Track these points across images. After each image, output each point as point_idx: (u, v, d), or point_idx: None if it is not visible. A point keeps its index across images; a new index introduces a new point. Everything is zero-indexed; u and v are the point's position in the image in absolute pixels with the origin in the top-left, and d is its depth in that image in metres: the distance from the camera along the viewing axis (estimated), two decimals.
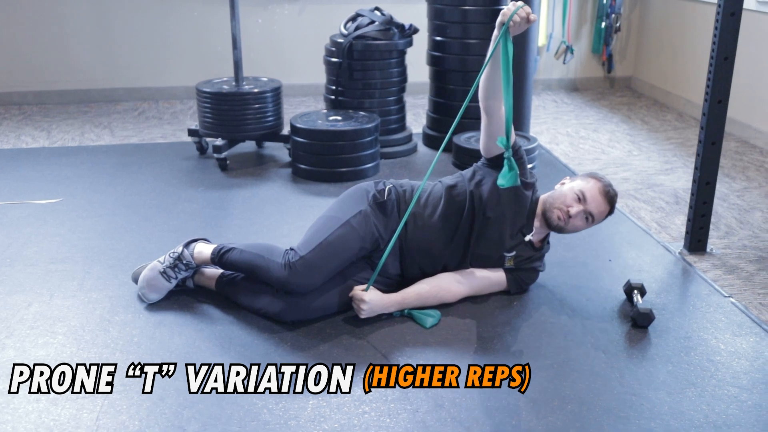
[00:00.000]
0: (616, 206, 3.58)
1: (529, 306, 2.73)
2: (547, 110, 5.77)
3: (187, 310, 2.69)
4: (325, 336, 2.51)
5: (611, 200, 2.70)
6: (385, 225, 2.68)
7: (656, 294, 2.82)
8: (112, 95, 5.96)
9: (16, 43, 5.78)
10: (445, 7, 4.48)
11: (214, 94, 4.25)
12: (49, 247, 3.21)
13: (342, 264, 2.59)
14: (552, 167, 4.32)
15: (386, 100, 4.52)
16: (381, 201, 2.71)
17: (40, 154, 4.55)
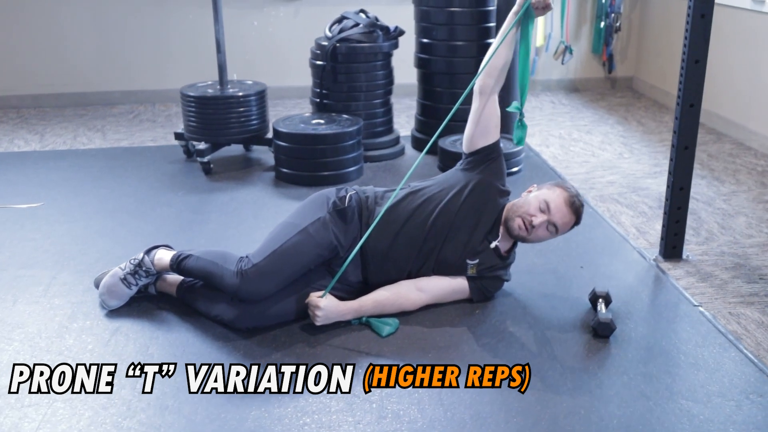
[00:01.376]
0: (597, 210, 3.56)
1: (490, 314, 2.68)
2: (543, 112, 5.70)
3: (145, 316, 2.68)
4: (279, 344, 2.49)
5: (576, 211, 2.65)
6: (344, 232, 2.66)
7: (624, 302, 2.76)
8: (108, 98, 5.99)
9: (13, 46, 5.82)
10: (431, 9, 4.44)
11: (197, 98, 4.25)
12: (21, 252, 3.22)
13: (297, 272, 2.57)
14: (538, 170, 4.27)
15: (372, 102, 4.49)
16: (341, 208, 2.68)
17: (30, 158, 4.58)
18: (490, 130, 2.67)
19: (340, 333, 2.55)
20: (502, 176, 2.70)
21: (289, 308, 2.58)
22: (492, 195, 2.66)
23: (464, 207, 2.64)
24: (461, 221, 2.65)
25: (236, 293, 2.51)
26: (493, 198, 2.66)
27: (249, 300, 2.52)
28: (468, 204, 2.64)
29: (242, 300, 2.53)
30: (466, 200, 2.64)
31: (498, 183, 2.68)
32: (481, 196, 2.63)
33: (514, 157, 4.17)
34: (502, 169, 2.70)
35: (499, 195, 2.68)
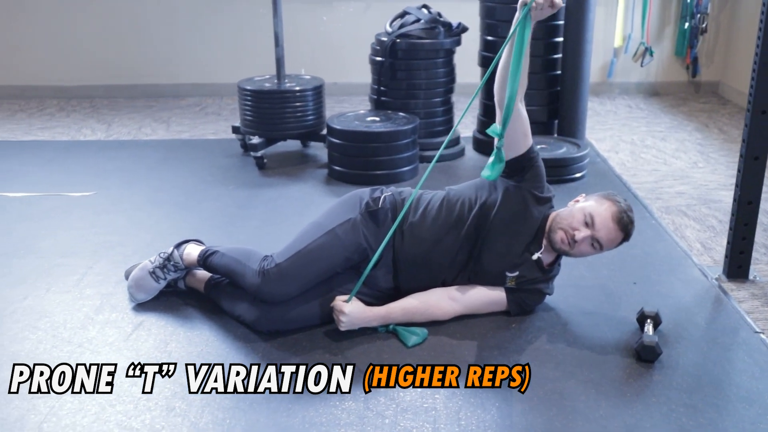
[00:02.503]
0: (661, 223, 3.32)
1: (527, 330, 2.51)
2: (617, 116, 5.43)
3: (171, 312, 2.63)
4: (299, 348, 2.39)
5: (625, 228, 2.44)
6: (375, 235, 2.53)
7: (676, 324, 2.54)
8: (178, 90, 6.04)
9: (88, 39, 5.94)
10: (497, 6, 4.26)
11: (254, 92, 4.20)
12: (64, 240, 3.23)
13: (322, 275, 2.46)
14: (602, 178, 4.03)
15: (432, 101, 4.35)
16: (373, 209, 2.56)
17: (93, 147, 4.64)
18: (518, 141, 2.47)
19: (364, 341, 2.43)
20: (538, 183, 2.52)
21: (312, 312, 2.48)
22: (526, 203, 2.48)
23: (498, 216, 2.48)
24: (497, 230, 2.48)
25: (257, 293, 2.43)
26: (529, 206, 2.49)
27: (270, 301, 2.43)
28: (502, 212, 2.48)
29: (263, 301, 2.44)
30: (499, 209, 2.48)
31: (534, 191, 2.49)
32: (515, 205, 2.46)
33: (576, 163, 3.95)
34: (538, 176, 2.52)
35: (536, 202, 2.50)
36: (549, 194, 2.55)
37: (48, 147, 4.64)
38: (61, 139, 4.88)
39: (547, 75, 4.34)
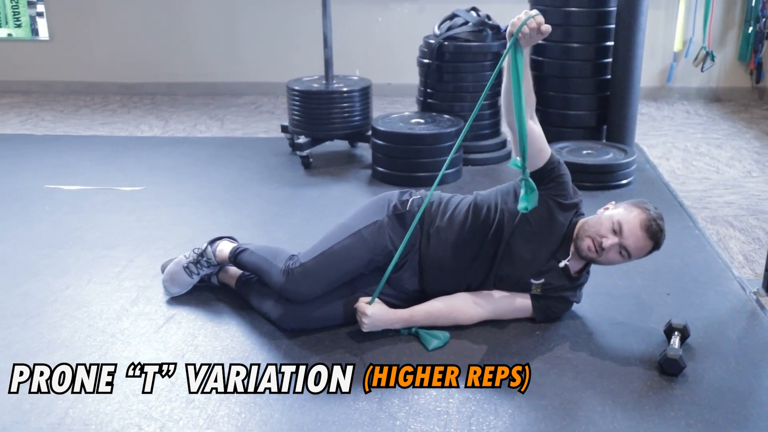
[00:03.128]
0: (704, 233, 3.24)
1: (551, 337, 2.49)
2: (674, 121, 5.31)
3: (202, 307, 2.70)
4: (321, 347, 2.42)
5: (654, 236, 2.39)
6: (402, 238, 2.54)
7: (706, 337, 2.48)
8: (235, 89, 6.17)
9: (150, 38, 6.12)
10: (547, 9, 4.21)
11: (301, 92, 4.26)
12: (109, 233, 3.34)
13: (346, 275, 2.49)
14: (649, 185, 3.95)
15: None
16: (401, 212, 2.58)
17: (148, 143, 4.78)
18: (533, 157, 2.40)
19: (386, 342, 2.45)
20: (562, 191, 2.48)
21: (336, 312, 2.51)
22: (551, 211, 2.46)
23: (522, 222, 2.46)
24: (521, 237, 2.47)
25: (281, 291, 2.47)
26: (553, 213, 2.46)
27: (293, 300, 2.47)
28: (526, 219, 2.46)
29: (287, 299, 2.48)
30: (524, 215, 2.46)
31: (558, 198, 2.47)
32: (539, 212, 2.44)
33: (622, 169, 3.88)
34: (562, 184, 2.48)
35: (561, 209, 2.47)
36: (574, 200, 2.51)
37: (106, 142, 4.81)
38: (120, 134, 5.04)
39: (597, 79, 4.28)
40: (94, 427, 2.05)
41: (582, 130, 4.32)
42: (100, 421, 2.07)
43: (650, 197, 3.73)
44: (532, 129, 2.37)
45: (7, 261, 3.08)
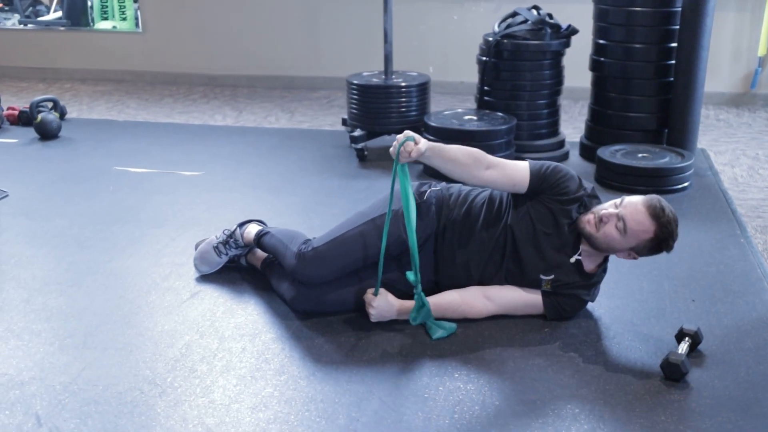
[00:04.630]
0: (751, 241, 3.13)
1: (560, 336, 2.46)
2: (751, 129, 5.09)
3: (227, 285, 2.82)
4: (328, 330, 2.49)
5: (655, 215, 2.32)
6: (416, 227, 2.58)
7: (722, 345, 2.40)
8: (312, 83, 6.32)
9: (234, 32, 6.37)
10: (610, 8, 4.15)
11: (360, 86, 4.35)
12: (161, 213, 3.53)
13: (357, 261, 2.54)
14: (705, 191, 3.82)
15: (536, 103, 4.30)
16: (417, 202, 2.61)
17: (217, 132, 4.98)
18: (514, 188, 2.50)
19: (394, 329, 2.49)
20: (561, 192, 2.46)
21: (347, 298, 2.57)
22: (551, 209, 2.45)
23: (525, 219, 2.47)
24: (524, 233, 2.47)
25: (293, 274, 2.56)
26: (554, 213, 2.45)
27: (304, 282, 2.55)
28: (528, 216, 2.46)
29: (300, 282, 2.57)
30: (529, 211, 2.46)
31: (558, 197, 2.45)
32: (542, 210, 2.44)
33: (676, 174, 3.77)
34: (558, 186, 2.46)
35: (562, 204, 2.45)
36: (577, 194, 2.47)
37: (180, 130, 5.04)
38: (194, 123, 5.28)
39: (659, 81, 4.16)
40: (101, 387, 2.19)
41: (642, 132, 4.22)
42: (108, 383, 2.21)
43: (703, 203, 3.64)
44: (490, 177, 2.46)
45: (63, 234, 3.30)
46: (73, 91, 6.34)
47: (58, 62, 6.86)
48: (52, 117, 4.82)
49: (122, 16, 7.02)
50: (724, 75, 5.64)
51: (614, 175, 3.86)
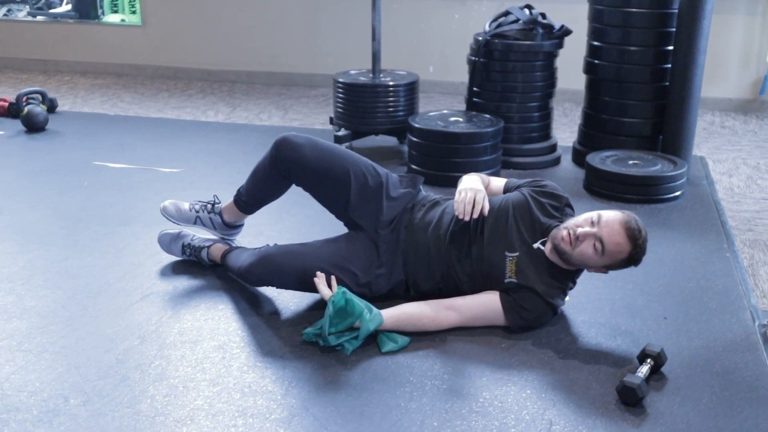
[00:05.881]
0: (737, 256, 3.00)
1: (515, 353, 2.33)
2: (756, 137, 4.91)
3: (182, 289, 2.73)
4: (271, 342, 2.39)
5: (632, 235, 2.26)
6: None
7: (689, 368, 2.25)
8: (311, 80, 6.23)
9: (234, 27, 6.29)
10: (605, 9, 4.00)
11: (346, 85, 4.24)
12: (130, 210, 3.44)
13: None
14: (697, 201, 3.65)
15: (527, 105, 4.15)
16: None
17: (206, 129, 4.90)
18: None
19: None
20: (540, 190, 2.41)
21: (304, 270, 2.47)
22: (527, 201, 2.47)
23: (502, 204, 2.50)
24: (498, 211, 2.47)
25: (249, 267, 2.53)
26: (530, 204, 2.46)
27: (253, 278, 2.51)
28: (505, 203, 2.50)
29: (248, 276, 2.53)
30: (506, 202, 2.51)
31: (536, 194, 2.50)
32: (518, 200, 2.49)
33: (667, 182, 3.61)
34: (539, 190, 2.40)
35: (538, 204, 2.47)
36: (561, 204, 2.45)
37: (168, 125, 4.97)
38: (186, 118, 5.20)
39: (655, 86, 4.00)
40: (26, 393, 2.10)
41: (636, 138, 4.06)
42: (35, 389, 2.12)
43: (693, 213, 3.49)
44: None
45: (28, 230, 3.23)
46: (72, 83, 6.30)
47: (61, 55, 6.83)
48: (39, 110, 4.77)
49: (132, 9, 6.97)
50: (732, 80, 5.46)
51: (603, 182, 3.71)
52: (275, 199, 2.83)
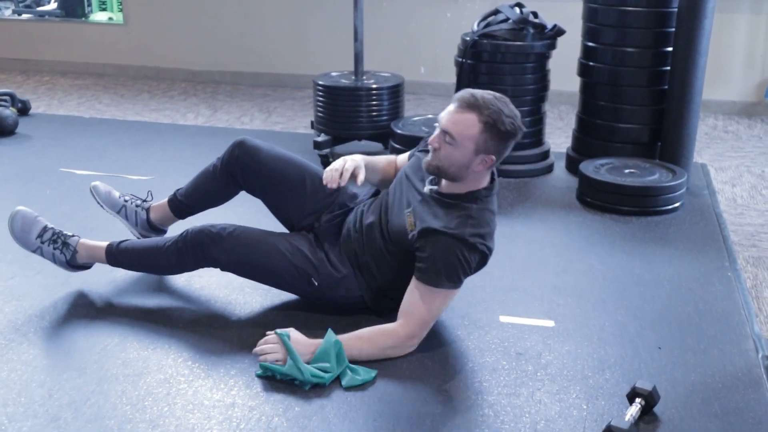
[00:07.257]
0: (740, 276, 2.76)
1: (486, 390, 2.11)
2: (761, 142, 4.69)
3: (134, 313, 2.51)
4: (222, 374, 2.16)
5: (469, 105, 2.14)
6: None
7: (682, 408, 2.03)
8: (298, 81, 6.00)
9: (219, 26, 6.08)
10: (599, 7, 3.76)
11: (326, 87, 4.01)
12: (82, 221, 3.21)
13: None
14: (696, 213, 3.41)
15: (518, 109, 3.89)
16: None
17: (183, 133, 4.68)
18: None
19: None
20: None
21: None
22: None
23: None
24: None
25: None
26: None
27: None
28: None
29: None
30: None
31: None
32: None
33: (664, 193, 3.37)
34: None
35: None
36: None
37: (144, 129, 4.74)
38: (163, 121, 4.98)
39: (653, 89, 3.76)
40: None
41: (633, 145, 3.83)
42: None
43: (693, 227, 3.26)
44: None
45: None
46: (50, 84, 6.08)
47: (42, 54, 6.61)
48: (8, 113, 4.55)
49: (119, 8, 6.78)
50: (736, 82, 5.22)
51: (596, 193, 3.48)
52: (215, 205, 2.76)
